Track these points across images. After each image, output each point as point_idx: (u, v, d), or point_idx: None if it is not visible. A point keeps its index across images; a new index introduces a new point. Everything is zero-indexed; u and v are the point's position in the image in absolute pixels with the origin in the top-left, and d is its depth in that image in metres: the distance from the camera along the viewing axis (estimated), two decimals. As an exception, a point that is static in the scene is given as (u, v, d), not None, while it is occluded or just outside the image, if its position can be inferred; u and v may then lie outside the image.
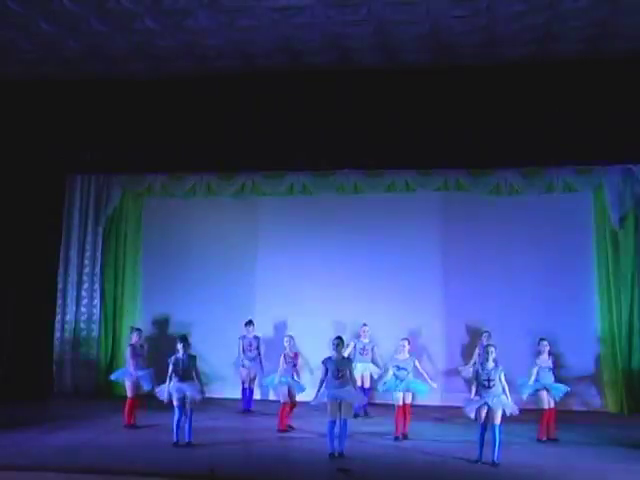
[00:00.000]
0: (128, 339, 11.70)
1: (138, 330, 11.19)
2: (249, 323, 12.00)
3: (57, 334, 13.34)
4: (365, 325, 11.70)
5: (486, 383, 8.59)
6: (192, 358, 9.57)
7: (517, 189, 12.59)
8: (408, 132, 11.22)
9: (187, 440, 9.20)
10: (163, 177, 13.42)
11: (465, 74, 11.15)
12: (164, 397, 9.47)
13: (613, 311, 12.05)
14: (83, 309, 13.67)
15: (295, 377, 10.32)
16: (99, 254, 13.72)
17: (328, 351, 9.23)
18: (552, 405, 9.92)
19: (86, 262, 13.70)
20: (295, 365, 10.48)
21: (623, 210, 12.13)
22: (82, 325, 13.63)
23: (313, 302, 12.60)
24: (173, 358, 9.52)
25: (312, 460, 8.68)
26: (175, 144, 11.87)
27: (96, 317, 13.62)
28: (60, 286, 13.42)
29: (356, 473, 7.93)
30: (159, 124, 11.91)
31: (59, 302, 13.43)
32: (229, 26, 9.97)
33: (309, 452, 8.98)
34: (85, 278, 13.69)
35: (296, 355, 10.65)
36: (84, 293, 13.69)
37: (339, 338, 9.11)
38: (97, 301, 13.66)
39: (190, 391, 9.33)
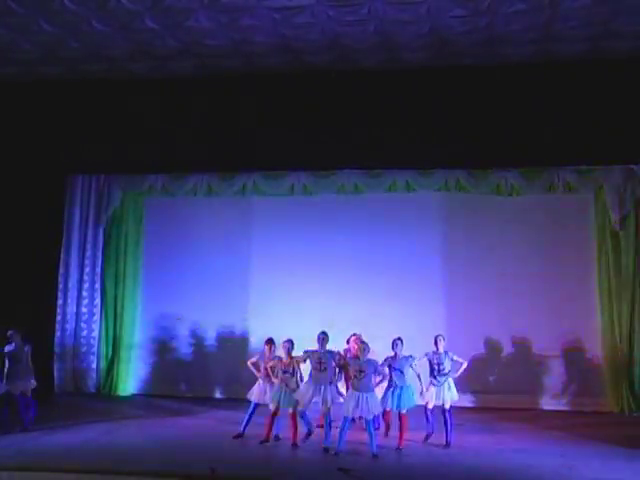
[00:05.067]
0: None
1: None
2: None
3: (58, 334, 13.34)
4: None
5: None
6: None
7: (518, 189, 12.56)
8: (408, 132, 11.22)
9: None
10: (164, 177, 13.40)
11: (465, 74, 11.16)
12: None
13: (614, 311, 12.03)
14: (84, 309, 13.67)
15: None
16: (100, 254, 13.72)
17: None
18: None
19: (87, 262, 13.70)
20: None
21: (624, 210, 12.10)
22: (83, 325, 13.63)
23: (313, 302, 12.59)
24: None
25: (312, 460, 8.69)
26: (175, 144, 11.88)
27: (97, 317, 13.62)
28: (61, 286, 13.42)
29: (356, 472, 7.93)
30: (159, 124, 11.91)
31: (60, 302, 13.42)
32: (229, 26, 9.98)
33: (309, 452, 8.97)
34: (86, 278, 13.69)
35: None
36: (85, 293, 13.68)
37: (324, 333, 9.31)
38: (98, 301, 13.66)
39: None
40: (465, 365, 9.68)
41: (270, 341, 9.90)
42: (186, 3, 9.35)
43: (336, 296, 12.56)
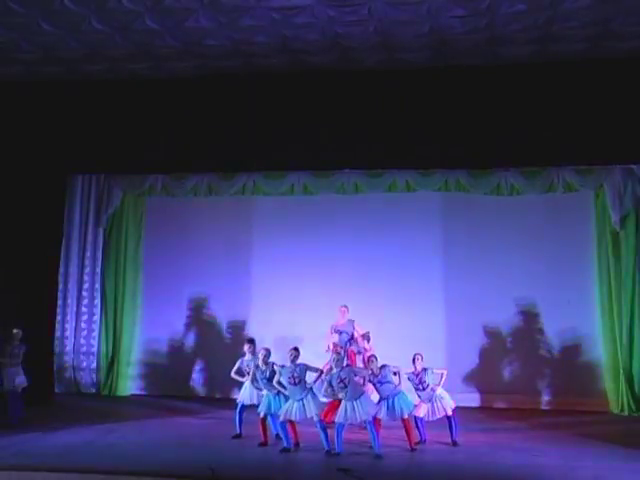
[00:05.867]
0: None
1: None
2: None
3: (57, 333, 13.34)
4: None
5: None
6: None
7: (517, 189, 12.56)
8: (408, 132, 11.21)
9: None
10: (164, 177, 13.41)
11: (465, 74, 11.14)
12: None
13: (614, 311, 12.03)
14: (84, 309, 13.69)
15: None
16: (100, 254, 13.74)
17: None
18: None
19: (87, 262, 13.72)
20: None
21: (624, 210, 12.10)
22: (83, 325, 13.65)
23: (313, 302, 12.59)
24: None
25: (312, 460, 8.70)
26: (176, 144, 11.87)
27: (97, 317, 13.64)
28: (61, 286, 13.42)
29: (356, 473, 7.93)
30: (159, 124, 11.91)
31: (59, 302, 13.42)
32: (229, 26, 9.96)
33: (309, 452, 8.98)
34: (86, 278, 13.71)
35: None
36: (85, 293, 13.70)
37: (296, 349, 9.31)
38: (98, 301, 13.67)
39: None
40: (445, 374, 9.57)
41: (250, 341, 10.07)
42: (186, 3, 9.33)
43: (336, 296, 12.52)
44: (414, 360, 9.46)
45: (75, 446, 9.08)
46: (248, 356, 9.99)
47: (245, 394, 9.91)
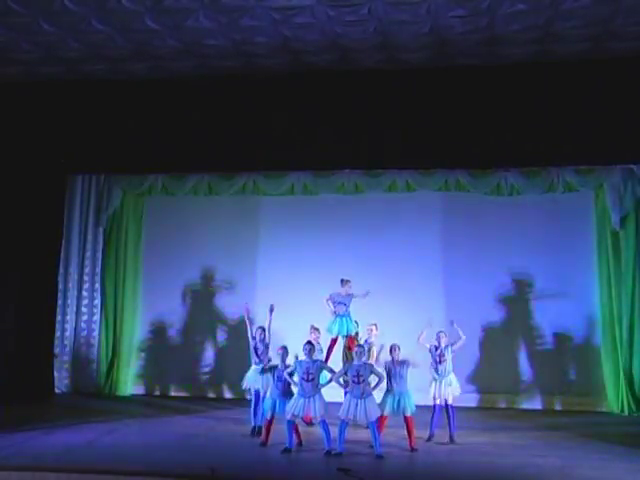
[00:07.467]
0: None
1: None
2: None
3: (57, 334, 13.34)
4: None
5: None
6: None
7: (517, 189, 12.57)
8: (408, 132, 11.22)
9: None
10: (164, 177, 13.40)
11: (465, 74, 11.15)
12: None
13: (614, 311, 12.03)
14: (84, 309, 13.67)
15: None
16: (100, 254, 13.72)
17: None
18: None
19: (87, 262, 13.69)
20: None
21: (624, 210, 12.10)
22: (83, 325, 13.64)
23: (312, 302, 12.56)
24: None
25: (312, 460, 8.70)
26: (175, 144, 11.88)
27: (97, 317, 13.62)
28: (61, 286, 13.41)
29: (356, 472, 7.93)
30: (159, 124, 11.92)
31: (59, 302, 13.40)
32: (229, 26, 9.97)
33: (308, 452, 8.98)
34: (86, 278, 13.69)
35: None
36: (85, 293, 13.68)
37: (310, 343, 9.35)
38: (97, 301, 13.66)
39: None
40: (463, 339, 9.76)
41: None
42: (186, 3, 9.34)
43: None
44: (438, 337, 9.76)
45: (75, 446, 9.06)
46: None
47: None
